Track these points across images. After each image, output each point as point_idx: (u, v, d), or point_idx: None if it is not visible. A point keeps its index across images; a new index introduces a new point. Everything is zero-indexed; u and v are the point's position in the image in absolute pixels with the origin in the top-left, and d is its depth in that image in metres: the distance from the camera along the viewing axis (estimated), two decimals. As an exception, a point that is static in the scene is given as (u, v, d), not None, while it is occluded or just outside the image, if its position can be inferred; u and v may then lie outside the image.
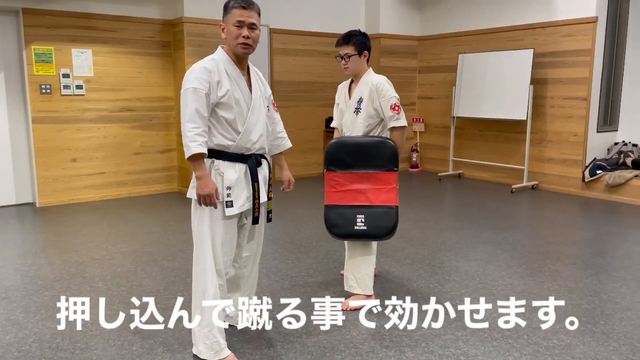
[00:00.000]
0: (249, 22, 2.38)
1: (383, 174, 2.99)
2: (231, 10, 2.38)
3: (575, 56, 6.34)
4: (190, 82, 2.32)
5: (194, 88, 2.30)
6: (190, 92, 2.31)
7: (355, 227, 2.99)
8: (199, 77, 2.32)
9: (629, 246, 4.34)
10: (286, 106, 7.47)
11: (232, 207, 2.44)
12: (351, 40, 3.11)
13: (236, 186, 2.44)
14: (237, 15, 2.36)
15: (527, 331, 2.80)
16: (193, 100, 2.30)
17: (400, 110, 3.08)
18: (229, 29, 2.39)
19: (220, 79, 2.37)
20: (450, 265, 3.87)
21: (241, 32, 2.37)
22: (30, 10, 5.55)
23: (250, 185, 2.49)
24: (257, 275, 2.88)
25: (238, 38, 2.37)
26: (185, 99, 2.32)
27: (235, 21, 2.36)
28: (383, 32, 7.87)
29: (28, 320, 2.97)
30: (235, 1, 2.38)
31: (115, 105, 6.18)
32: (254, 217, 2.55)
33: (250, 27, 2.39)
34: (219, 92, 2.36)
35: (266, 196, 2.60)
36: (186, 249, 4.27)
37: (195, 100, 2.30)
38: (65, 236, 4.65)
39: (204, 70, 2.34)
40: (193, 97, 2.30)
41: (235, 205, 2.44)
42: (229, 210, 2.43)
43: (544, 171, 6.78)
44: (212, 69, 2.36)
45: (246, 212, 2.55)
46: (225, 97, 2.37)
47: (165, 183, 6.66)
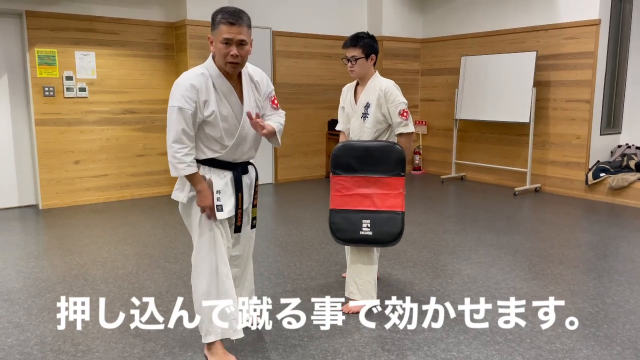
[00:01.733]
0: (238, 40, 2.25)
1: (390, 178, 2.96)
2: (218, 25, 2.24)
3: (578, 59, 6.32)
4: (177, 99, 2.27)
5: (180, 107, 2.25)
6: (176, 111, 2.26)
7: (361, 232, 2.96)
8: (186, 95, 2.26)
9: (632, 249, 4.32)
10: (288, 108, 7.42)
11: (222, 211, 2.43)
12: (359, 43, 3.04)
13: (223, 192, 2.44)
14: (225, 32, 2.22)
15: (530, 335, 2.78)
16: (178, 121, 2.26)
17: (408, 116, 3.04)
18: (217, 45, 2.27)
19: (207, 99, 2.30)
20: (452, 268, 3.86)
21: (229, 51, 2.25)
22: (33, 13, 5.57)
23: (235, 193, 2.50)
24: (253, 275, 2.88)
25: (227, 57, 2.26)
26: (171, 118, 2.28)
27: (222, 39, 2.23)
28: (385, 35, 7.87)
29: (30, 322, 2.97)
30: (222, 15, 2.24)
31: (118, 107, 6.19)
32: (236, 226, 2.56)
33: (239, 44, 2.26)
34: (205, 112, 2.31)
35: (251, 204, 2.62)
36: (188, 251, 4.27)
37: (181, 120, 2.26)
38: (67, 238, 4.66)
39: (191, 89, 2.26)
40: (179, 116, 2.26)
41: (225, 209, 2.44)
42: (219, 214, 2.42)
43: (547, 174, 6.77)
44: (200, 87, 2.28)
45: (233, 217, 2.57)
46: (211, 117, 2.33)
47: (168, 185, 6.66)
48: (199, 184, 2.35)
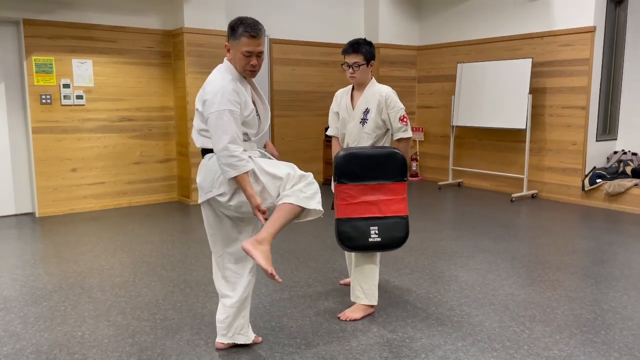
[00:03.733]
0: (258, 52, 2.43)
1: (394, 184, 3.00)
2: (240, 37, 2.40)
3: (574, 65, 6.36)
4: (224, 103, 2.35)
5: (230, 110, 2.35)
6: (228, 114, 2.35)
7: (370, 239, 2.97)
8: (232, 99, 2.37)
9: (629, 255, 4.33)
10: (286, 115, 7.50)
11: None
12: (360, 49, 3.08)
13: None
14: (246, 44, 2.39)
15: (528, 341, 2.78)
16: (232, 123, 2.35)
17: (407, 122, 3.13)
18: (237, 55, 2.43)
19: (246, 100, 2.45)
20: (450, 275, 3.86)
21: (249, 61, 2.43)
22: (30, 21, 5.58)
23: None
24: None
25: (247, 66, 2.44)
26: (223, 121, 2.34)
27: (244, 51, 2.40)
28: (382, 42, 7.91)
29: (26, 331, 2.95)
30: (244, 28, 2.39)
31: (115, 115, 6.20)
32: None
33: (257, 55, 2.44)
34: (245, 112, 2.44)
35: None
36: (185, 259, 4.26)
37: (234, 123, 2.36)
38: (64, 246, 4.64)
39: (234, 93, 2.38)
40: (231, 119, 2.35)
41: None
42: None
43: (543, 180, 6.79)
44: (239, 91, 2.42)
45: None
46: (250, 117, 2.46)
47: (165, 193, 6.66)
48: (249, 187, 2.38)
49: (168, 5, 6.39)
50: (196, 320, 3.07)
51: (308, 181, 2.46)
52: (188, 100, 6.23)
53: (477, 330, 2.92)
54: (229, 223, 2.61)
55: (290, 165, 2.52)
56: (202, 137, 2.48)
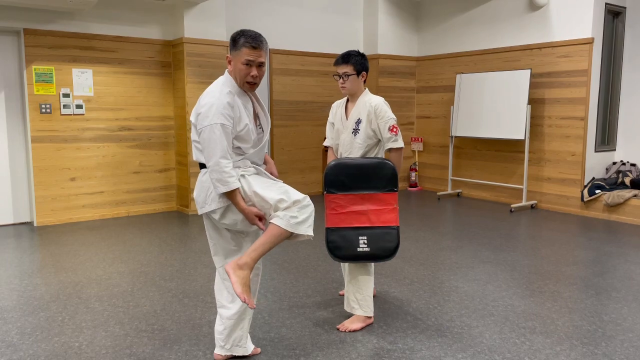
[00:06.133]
0: (258, 62, 2.42)
1: (384, 194, 3.00)
2: (241, 48, 2.39)
3: (572, 76, 6.39)
4: (217, 117, 2.33)
5: (222, 124, 2.33)
6: (219, 128, 2.33)
7: (358, 249, 2.97)
8: (224, 112, 2.34)
9: (629, 266, 4.32)
10: (285, 125, 7.52)
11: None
12: (350, 60, 3.13)
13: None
14: (247, 54, 2.38)
15: (528, 353, 2.76)
16: (223, 137, 2.33)
17: (398, 132, 3.11)
18: (238, 66, 2.41)
19: (240, 115, 2.42)
20: (449, 286, 3.84)
21: (250, 72, 2.41)
22: (31, 31, 5.60)
23: None
24: None
25: (247, 77, 2.42)
26: (214, 135, 2.33)
27: (244, 60, 2.39)
28: (381, 53, 7.94)
29: (23, 342, 2.93)
30: (245, 39, 2.39)
31: (115, 124, 6.20)
32: None
33: (258, 65, 2.43)
34: (237, 127, 2.41)
35: None
36: (183, 269, 4.25)
37: (225, 137, 2.34)
38: (62, 256, 4.62)
39: (227, 106, 2.36)
40: (222, 133, 2.33)
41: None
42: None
43: (542, 190, 6.79)
44: (233, 105, 2.40)
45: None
46: (243, 131, 2.43)
47: (164, 202, 6.65)
48: (241, 202, 2.38)
49: (168, 16, 6.43)
50: (194, 330, 3.05)
51: (302, 204, 2.37)
52: (188, 110, 6.25)
53: (477, 342, 2.90)
54: (228, 235, 2.60)
55: (284, 189, 2.40)
56: (198, 151, 2.48)
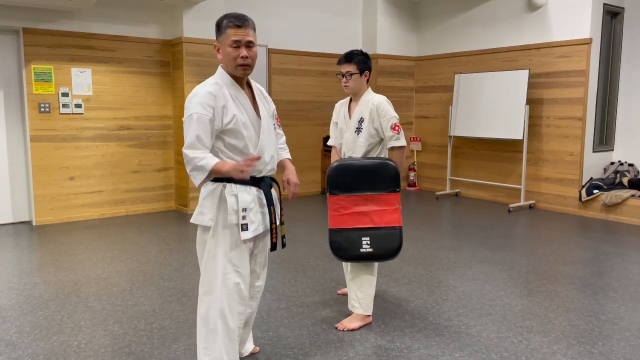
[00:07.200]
0: (246, 41, 2.23)
1: (386, 195, 3.00)
2: (225, 30, 2.23)
3: (570, 77, 6.40)
4: (193, 107, 2.17)
5: (198, 114, 2.15)
6: (193, 118, 2.16)
7: (362, 249, 2.98)
8: (202, 102, 2.17)
9: (626, 266, 4.34)
10: (284, 125, 7.51)
11: (247, 230, 2.28)
12: (353, 59, 3.14)
13: (249, 209, 2.29)
14: (232, 34, 2.21)
15: (526, 352, 2.78)
16: (195, 127, 2.15)
17: (400, 131, 3.11)
18: (226, 50, 2.24)
19: (225, 104, 2.22)
20: (447, 285, 3.86)
21: (239, 53, 2.22)
22: (30, 30, 5.60)
23: (263, 209, 2.36)
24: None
25: (237, 59, 2.23)
26: (188, 126, 2.17)
27: (231, 41, 2.22)
28: (380, 53, 7.95)
29: (22, 340, 2.93)
30: (228, 20, 2.23)
31: (114, 123, 6.21)
32: (273, 244, 2.39)
33: (247, 45, 2.24)
34: (224, 118, 2.21)
35: (279, 220, 2.45)
36: (182, 268, 4.25)
37: (197, 127, 2.15)
38: (61, 255, 4.63)
39: (208, 95, 2.19)
40: (195, 123, 2.15)
41: (250, 228, 2.29)
42: (244, 234, 2.27)
43: (540, 190, 6.80)
44: (217, 94, 2.21)
45: (257, 237, 2.41)
46: (231, 123, 2.23)
47: (163, 201, 6.65)
48: (223, 167, 2.14)
49: (167, 15, 6.43)
50: (193, 329, 3.06)
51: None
52: (186, 109, 6.24)
53: (475, 341, 2.92)
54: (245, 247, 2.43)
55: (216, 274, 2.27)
56: None
